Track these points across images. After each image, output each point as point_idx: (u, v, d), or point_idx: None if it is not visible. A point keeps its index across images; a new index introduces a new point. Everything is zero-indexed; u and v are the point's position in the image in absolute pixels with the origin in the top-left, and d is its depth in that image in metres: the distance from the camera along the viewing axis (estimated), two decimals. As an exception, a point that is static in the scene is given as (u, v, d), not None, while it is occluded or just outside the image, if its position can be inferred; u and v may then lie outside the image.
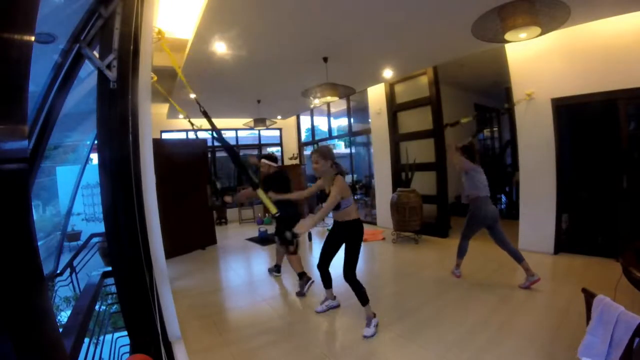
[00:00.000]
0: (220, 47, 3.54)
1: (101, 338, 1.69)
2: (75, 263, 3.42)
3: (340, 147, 15.05)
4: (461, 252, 3.52)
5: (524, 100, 3.99)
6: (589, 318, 1.47)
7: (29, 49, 0.57)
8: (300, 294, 3.37)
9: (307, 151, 9.93)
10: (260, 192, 2.09)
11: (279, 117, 8.61)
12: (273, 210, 2.02)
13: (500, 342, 2.27)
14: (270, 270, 4.12)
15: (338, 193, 2.46)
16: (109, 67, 1.34)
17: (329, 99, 3.98)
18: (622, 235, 3.54)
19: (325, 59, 4.13)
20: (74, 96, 2.21)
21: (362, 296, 2.56)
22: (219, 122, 4.13)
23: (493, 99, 8.16)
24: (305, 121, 10.01)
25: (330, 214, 2.62)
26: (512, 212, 4.84)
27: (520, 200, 4.30)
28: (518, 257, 3.13)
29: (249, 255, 5.08)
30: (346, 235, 2.62)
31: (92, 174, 4.77)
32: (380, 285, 3.48)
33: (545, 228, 4.05)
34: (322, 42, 3.67)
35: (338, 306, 3.00)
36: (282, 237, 3.65)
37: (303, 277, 3.46)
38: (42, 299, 0.62)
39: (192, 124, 2.48)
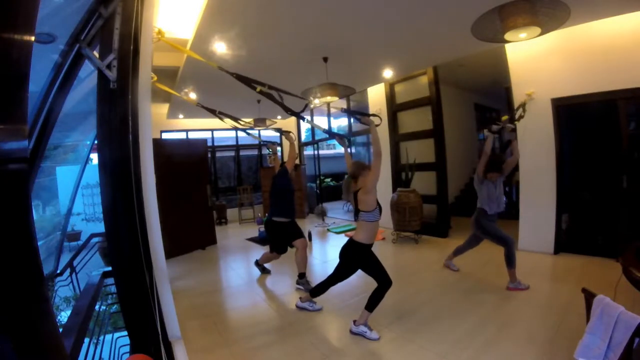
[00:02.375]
0: (220, 47, 3.54)
1: (101, 338, 1.69)
2: (75, 263, 3.42)
3: (340, 148, 15.09)
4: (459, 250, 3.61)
5: (527, 102, 3.95)
6: (589, 318, 1.47)
7: (29, 49, 0.57)
8: (307, 289, 3.27)
9: (307, 151, 9.92)
10: None
11: (279, 117, 8.60)
12: None
13: (500, 342, 2.27)
14: (299, 283, 3.54)
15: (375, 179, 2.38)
16: (109, 67, 1.34)
17: (328, 99, 3.98)
18: (622, 235, 3.54)
19: (325, 59, 4.13)
20: (74, 96, 2.22)
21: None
22: (219, 122, 4.15)
23: (493, 99, 8.17)
24: (305, 121, 10.00)
25: (353, 218, 2.56)
26: (512, 212, 4.83)
27: (520, 200, 4.29)
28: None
29: (249, 255, 5.07)
30: (341, 253, 2.61)
31: (92, 174, 4.77)
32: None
33: (545, 228, 4.04)
34: (322, 42, 3.66)
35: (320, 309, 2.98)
36: (277, 246, 3.64)
37: (303, 278, 3.49)
38: (42, 299, 0.62)
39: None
